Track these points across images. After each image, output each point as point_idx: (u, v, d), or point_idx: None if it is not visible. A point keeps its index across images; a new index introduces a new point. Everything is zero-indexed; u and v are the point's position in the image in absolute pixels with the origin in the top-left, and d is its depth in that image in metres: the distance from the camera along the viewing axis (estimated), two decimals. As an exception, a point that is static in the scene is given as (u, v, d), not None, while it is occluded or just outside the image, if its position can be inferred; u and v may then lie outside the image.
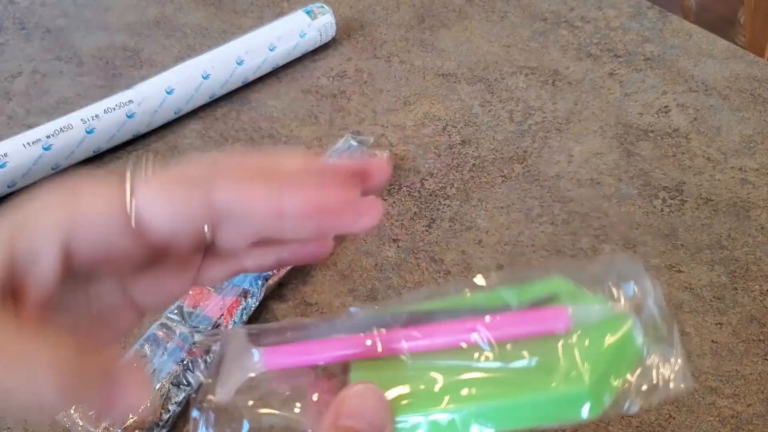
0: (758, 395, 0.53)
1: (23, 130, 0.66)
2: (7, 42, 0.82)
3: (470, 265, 0.61)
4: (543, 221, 0.64)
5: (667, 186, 0.67)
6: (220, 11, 0.86)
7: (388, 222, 0.64)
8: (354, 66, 0.79)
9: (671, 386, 0.29)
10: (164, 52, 0.81)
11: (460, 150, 0.70)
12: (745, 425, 0.51)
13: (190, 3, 0.87)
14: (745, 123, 0.72)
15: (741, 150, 0.70)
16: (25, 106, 0.75)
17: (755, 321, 0.57)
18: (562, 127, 0.72)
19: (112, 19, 0.85)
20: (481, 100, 0.75)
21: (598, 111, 0.74)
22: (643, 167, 0.68)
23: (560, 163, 0.69)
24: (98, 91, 0.76)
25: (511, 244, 0.62)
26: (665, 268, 0.60)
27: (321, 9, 0.79)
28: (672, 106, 0.74)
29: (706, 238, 0.63)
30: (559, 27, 0.83)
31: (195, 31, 0.83)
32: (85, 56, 0.80)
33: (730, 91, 0.75)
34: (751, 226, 0.63)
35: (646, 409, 0.52)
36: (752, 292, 0.59)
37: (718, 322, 0.57)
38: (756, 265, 0.60)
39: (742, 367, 0.54)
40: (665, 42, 0.81)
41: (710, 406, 0.52)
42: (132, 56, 0.80)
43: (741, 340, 0.56)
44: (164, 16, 0.85)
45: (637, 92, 0.76)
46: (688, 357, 0.55)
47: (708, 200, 0.65)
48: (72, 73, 0.78)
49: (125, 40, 0.82)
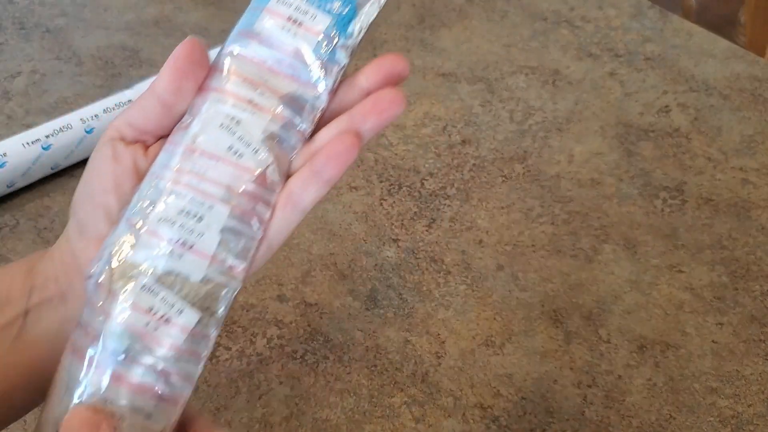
0: (759, 395, 0.53)
1: (22, 130, 0.66)
2: (6, 42, 0.82)
3: (470, 265, 0.61)
4: (543, 221, 0.64)
5: (668, 186, 0.67)
6: (220, 11, 0.86)
7: (388, 222, 0.64)
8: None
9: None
10: (164, 51, 0.81)
11: (461, 150, 0.70)
12: (745, 425, 0.51)
13: (189, 2, 0.87)
14: (745, 123, 0.72)
15: (742, 150, 0.70)
16: (25, 106, 0.74)
17: (756, 321, 0.57)
18: (562, 127, 0.72)
19: (112, 18, 0.85)
20: (482, 100, 0.75)
21: (598, 111, 0.74)
22: (644, 167, 0.68)
23: (561, 162, 0.69)
24: (97, 90, 0.76)
25: (511, 244, 0.62)
26: (666, 268, 0.60)
27: (321, 8, 0.79)
28: (673, 105, 0.74)
29: (707, 238, 0.62)
30: (559, 26, 0.83)
31: (194, 31, 0.83)
32: (84, 56, 0.80)
33: (731, 90, 0.75)
34: (751, 226, 0.63)
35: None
36: (753, 293, 0.59)
37: (719, 323, 0.57)
38: (757, 265, 0.60)
39: (742, 368, 0.54)
40: (666, 42, 0.81)
41: (711, 407, 0.52)
42: (131, 56, 0.80)
43: (742, 340, 0.56)
44: (164, 16, 0.85)
45: (638, 92, 0.76)
46: (689, 357, 0.55)
47: (709, 200, 0.65)
48: (71, 73, 0.78)
49: (124, 40, 0.82)
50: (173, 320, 0.28)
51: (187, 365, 0.29)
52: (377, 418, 0.52)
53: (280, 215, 0.31)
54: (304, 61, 0.31)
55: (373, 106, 0.31)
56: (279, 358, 0.55)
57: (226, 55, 0.32)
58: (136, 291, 0.29)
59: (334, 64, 0.31)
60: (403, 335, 0.56)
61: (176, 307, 0.29)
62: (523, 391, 0.53)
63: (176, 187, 0.30)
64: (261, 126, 0.30)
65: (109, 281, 0.29)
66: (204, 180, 0.30)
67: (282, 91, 0.31)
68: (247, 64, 0.31)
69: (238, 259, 0.30)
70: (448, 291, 0.59)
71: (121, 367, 0.28)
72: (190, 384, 0.29)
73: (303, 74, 0.31)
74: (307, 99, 0.31)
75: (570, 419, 0.52)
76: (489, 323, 0.57)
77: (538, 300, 0.58)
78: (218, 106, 0.30)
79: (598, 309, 0.58)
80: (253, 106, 0.30)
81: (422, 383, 0.54)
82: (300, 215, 0.32)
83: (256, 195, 0.30)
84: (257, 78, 0.31)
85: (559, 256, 0.61)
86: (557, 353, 0.55)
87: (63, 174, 0.68)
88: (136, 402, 0.28)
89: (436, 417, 0.52)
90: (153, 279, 0.29)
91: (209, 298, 0.29)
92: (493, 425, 0.51)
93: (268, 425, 0.51)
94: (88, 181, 0.32)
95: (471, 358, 0.55)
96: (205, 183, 0.29)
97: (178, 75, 0.31)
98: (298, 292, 0.59)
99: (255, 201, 0.30)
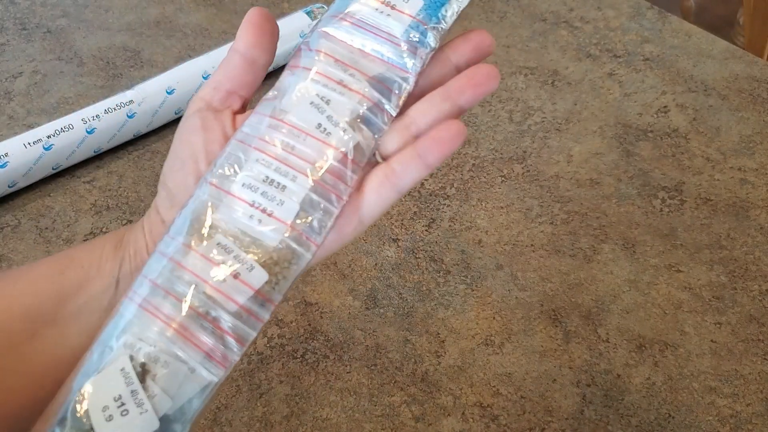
0: (757, 395, 0.53)
1: (24, 130, 0.66)
2: (7, 42, 0.82)
3: (470, 265, 0.61)
4: (542, 221, 0.64)
5: (667, 186, 0.67)
6: (221, 11, 0.86)
7: (388, 222, 0.64)
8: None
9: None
10: (165, 52, 0.81)
11: (460, 150, 0.70)
12: (744, 425, 0.51)
13: (190, 3, 0.87)
14: (744, 123, 0.72)
15: (740, 150, 0.70)
16: (26, 106, 0.75)
17: (754, 321, 0.57)
18: (561, 127, 0.72)
19: (113, 19, 0.85)
20: (481, 100, 0.75)
21: (597, 111, 0.74)
22: (643, 167, 0.69)
23: (560, 163, 0.69)
24: (99, 91, 0.76)
25: (510, 243, 0.62)
26: (664, 267, 0.61)
27: (321, 9, 0.79)
28: (671, 106, 0.74)
29: (706, 238, 0.63)
30: (558, 27, 0.84)
31: (195, 32, 0.83)
32: (85, 56, 0.80)
33: (730, 91, 0.75)
34: (750, 226, 0.63)
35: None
36: (751, 292, 0.59)
37: (718, 322, 0.57)
38: (755, 264, 0.61)
39: (741, 367, 0.54)
40: (665, 42, 0.81)
41: (709, 406, 0.52)
42: (132, 56, 0.80)
43: (740, 339, 0.56)
44: (165, 17, 0.85)
45: (637, 92, 0.76)
46: (687, 357, 0.55)
47: (707, 200, 0.66)
48: (72, 73, 0.78)
49: (126, 41, 0.82)
50: (242, 276, 0.29)
51: (245, 327, 0.29)
52: (377, 417, 0.52)
53: (377, 192, 0.32)
54: (395, 44, 0.32)
55: (469, 80, 0.32)
56: (279, 357, 0.55)
57: (319, 36, 0.32)
58: (212, 246, 0.30)
59: (423, 48, 0.32)
60: (403, 334, 0.56)
61: (247, 264, 0.29)
62: (522, 390, 0.53)
63: (262, 155, 0.31)
64: (350, 107, 0.31)
65: (185, 237, 0.30)
66: (291, 152, 0.31)
67: (371, 72, 0.32)
68: (339, 45, 0.32)
69: (314, 232, 0.30)
70: (447, 290, 0.59)
71: (179, 315, 0.29)
72: (240, 348, 0.29)
73: (393, 56, 0.32)
74: (395, 81, 0.32)
75: (569, 418, 0.52)
76: (488, 322, 0.57)
77: (537, 299, 0.59)
78: (309, 84, 0.31)
79: (597, 308, 0.58)
80: (343, 87, 0.31)
81: (422, 382, 0.54)
82: (398, 195, 0.32)
83: (339, 173, 0.31)
84: (348, 59, 0.32)
85: (558, 256, 0.62)
86: (556, 352, 0.55)
87: (64, 174, 0.68)
88: (185, 352, 0.28)
89: (436, 416, 0.52)
90: (229, 238, 0.30)
91: (280, 264, 0.30)
92: (492, 424, 0.52)
93: (269, 424, 0.51)
94: (177, 152, 0.33)
95: (470, 357, 0.55)
96: (292, 156, 0.31)
97: (256, 30, 0.33)
98: (298, 292, 0.59)
99: (337, 178, 0.31)
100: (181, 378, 0.28)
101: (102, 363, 0.28)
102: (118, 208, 0.66)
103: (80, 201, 0.66)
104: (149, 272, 0.30)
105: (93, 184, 0.68)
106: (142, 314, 0.29)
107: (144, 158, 0.70)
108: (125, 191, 0.67)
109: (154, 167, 0.69)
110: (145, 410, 0.28)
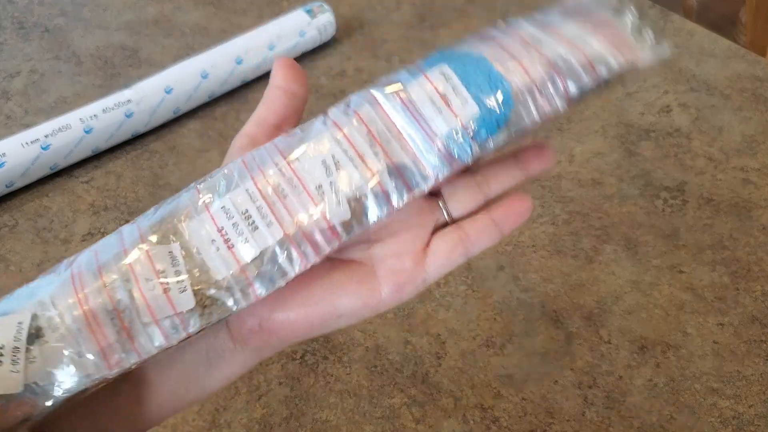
0: (760, 396, 0.52)
1: (21, 130, 0.66)
2: (5, 41, 0.82)
3: (470, 265, 0.61)
4: (544, 221, 0.64)
5: (669, 186, 0.66)
6: (220, 10, 0.86)
7: (388, 222, 0.64)
8: (354, 65, 0.79)
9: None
10: (163, 51, 0.80)
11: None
12: (746, 426, 0.51)
13: (189, 2, 0.87)
14: (746, 123, 0.72)
15: (743, 150, 0.69)
16: (24, 106, 0.74)
17: (757, 322, 0.57)
18: (563, 127, 0.72)
19: (111, 18, 0.85)
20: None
21: (599, 110, 0.74)
22: (645, 167, 0.68)
23: (561, 162, 0.69)
24: (97, 90, 0.76)
25: (511, 244, 0.62)
26: (667, 268, 0.60)
27: (321, 8, 0.79)
28: (673, 105, 0.74)
29: (708, 238, 0.62)
30: (559, 26, 0.83)
31: (194, 30, 0.83)
32: (83, 55, 0.80)
33: (732, 90, 0.75)
34: (752, 226, 0.63)
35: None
36: (754, 293, 0.58)
37: (720, 323, 0.57)
38: (758, 265, 0.60)
39: (743, 368, 0.54)
40: (667, 41, 0.81)
41: (712, 407, 0.52)
42: (131, 55, 0.80)
43: (743, 340, 0.56)
44: (163, 15, 0.85)
45: (639, 92, 0.75)
46: (689, 358, 0.55)
47: (710, 200, 0.65)
48: (70, 73, 0.78)
49: (124, 40, 0.82)
50: (171, 293, 0.28)
51: (150, 343, 0.28)
52: (377, 419, 0.52)
53: (447, 256, 0.32)
54: (432, 141, 0.30)
55: (539, 157, 0.35)
56: (279, 358, 0.55)
57: (366, 99, 0.31)
58: (163, 252, 0.29)
59: (457, 158, 0.30)
60: (404, 336, 0.56)
61: (182, 284, 0.29)
62: (523, 391, 0.53)
63: (254, 188, 0.30)
64: (357, 183, 0.30)
65: (146, 229, 0.30)
66: (281, 199, 0.30)
67: (395, 158, 0.30)
68: (380, 117, 0.31)
69: (259, 281, 0.29)
70: (448, 291, 0.59)
71: (96, 300, 0.28)
72: (137, 358, 0.28)
73: (424, 152, 0.30)
74: (414, 177, 0.30)
75: (570, 420, 0.52)
76: (489, 324, 0.57)
77: (538, 300, 0.58)
78: (332, 143, 0.30)
79: (598, 309, 0.58)
80: (361, 161, 0.30)
81: (422, 384, 0.53)
82: (465, 259, 0.33)
83: (314, 239, 0.30)
84: (380, 135, 0.30)
85: (559, 257, 0.61)
86: (558, 354, 0.55)
87: (62, 174, 0.68)
88: (83, 337, 0.28)
89: (437, 418, 0.52)
90: (182, 252, 0.29)
91: (213, 299, 0.29)
92: (493, 426, 0.51)
93: (268, 426, 0.51)
94: None
95: (471, 358, 0.55)
96: (280, 202, 0.30)
97: (289, 67, 0.34)
98: (297, 293, 0.59)
99: (311, 244, 0.30)
100: (66, 358, 0.28)
101: (17, 308, 0.28)
102: (116, 208, 0.65)
103: (78, 201, 0.66)
104: (99, 245, 0.30)
105: (91, 184, 0.67)
106: (67, 282, 0.28)
107: (142, 158, 0.70)
108: (123, 191, 0.67)
109: (152, 167, 0.69)
110: (17, 370, 0.27)
